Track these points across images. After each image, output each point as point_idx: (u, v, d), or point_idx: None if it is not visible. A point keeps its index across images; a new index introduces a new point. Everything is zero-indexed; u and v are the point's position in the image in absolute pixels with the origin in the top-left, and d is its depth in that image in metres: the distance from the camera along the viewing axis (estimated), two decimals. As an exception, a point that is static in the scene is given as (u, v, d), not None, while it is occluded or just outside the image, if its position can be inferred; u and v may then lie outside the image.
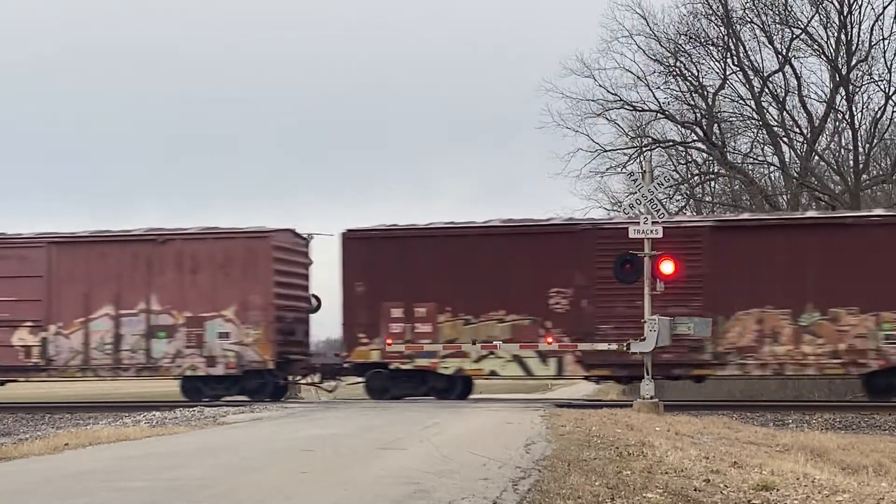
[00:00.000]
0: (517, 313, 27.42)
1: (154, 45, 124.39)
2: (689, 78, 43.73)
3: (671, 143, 45.61)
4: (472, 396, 29.22)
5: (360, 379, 28.86)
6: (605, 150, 43.51)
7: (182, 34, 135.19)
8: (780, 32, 42.62)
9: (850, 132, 42.77)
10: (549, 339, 26.53)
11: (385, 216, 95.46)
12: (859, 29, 41.44)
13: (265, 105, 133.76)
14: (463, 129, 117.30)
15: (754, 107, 43.47)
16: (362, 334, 28.07)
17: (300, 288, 29.99)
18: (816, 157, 43.58)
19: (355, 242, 28.44)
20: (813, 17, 42.09)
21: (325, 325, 31.06)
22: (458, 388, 28.17)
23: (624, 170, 42.78)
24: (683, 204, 45.12)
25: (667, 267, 23.72)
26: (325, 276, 30.41)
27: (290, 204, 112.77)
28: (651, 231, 23.53)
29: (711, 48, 43.45)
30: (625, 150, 44.14)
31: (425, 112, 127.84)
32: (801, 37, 42.28)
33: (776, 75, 43.07)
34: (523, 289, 27.36)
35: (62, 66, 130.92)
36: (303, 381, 30.15)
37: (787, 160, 44.23)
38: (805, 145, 43.38)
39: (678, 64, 43.54)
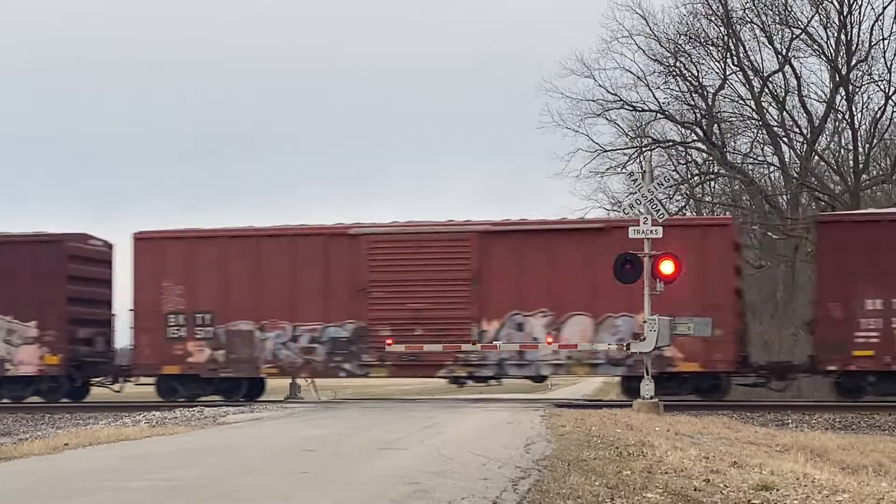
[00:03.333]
0: None
1: (154, 46, 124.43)
2: (689, 78, 43.73)
3: (671, 143, 45.60)
4: (474, 396, 29.25)
5: None
6: (605, 151, 43.51)
7: (182, 35, 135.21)
8: (780, 32, 42.64)
9: (849, 132, 42.79)
10: (549, 339, 26.51)
11: (384, 216, 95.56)
12: (859, 29, 41.49)
13: (264, 105, 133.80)
14: (463, 129, 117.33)
15: (754, 107, 43.46)
16: None
17: None
18: (816, 157, 43.57)
19: None
20: (813, 17, 42.13)
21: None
22: None
23: (624, 170, 42.74)
24: (683, 204, 45.12)
25: (667, 267, 23.73)
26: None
27: (290, 203, 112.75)
28: (651, 231, 23.55)
29: (711, 48, 43.47)
30: (625, 150, 44.14)
31: (425, 112, 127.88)
32: (801, 37, 42.29)
33: (776, 75, 43.10)
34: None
35: (62, 67, 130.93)
36: None
37: (787, 160, 44.23)
38: (805, 145, 43.37)
39: (678, 64, 43.55)
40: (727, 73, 43.16)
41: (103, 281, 30.67)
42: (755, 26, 42.87)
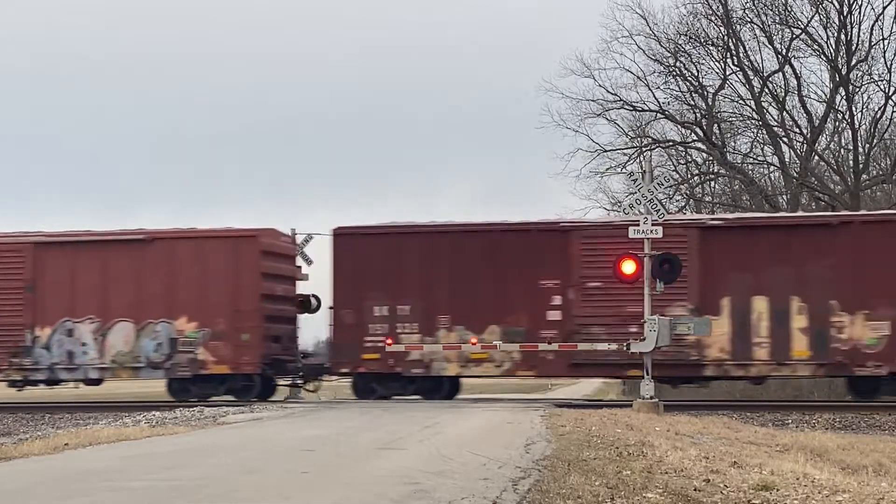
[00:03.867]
0: None
1: (155, 46, 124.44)
2: (689, 78, 43.74)
3: (671, 143, 45.60)
4: (474, 396, 29.28)
5: None
6: (605, 150, 43.52)
7: (183, 35, 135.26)
8: (780, 32, 42.64)
9: (849, 132, 42.78)
10: (549, 339, 26.51)
11: (385, 216, 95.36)
12: (859, 29, 41.49)
13: (265, 105, 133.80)
14: (463, 128, 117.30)
15: (754, 107, 43.46)
16: None
17: None
18: (816, 157, 43.58)
19: None
20: (813, 17, 42.13)
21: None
22: None
23: (624, 170, 42.76)
24: (683, 204, 45.12)
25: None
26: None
27: (290, 203, 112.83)
28: (651, 231, 23.55)
29: (711, 48, 43.47)
30: (625, 150, 44.14)
31: (425, 111, 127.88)
32: (801, 37, 42.30)
33: (776, 75, 43.10)
34: None
35: (65, 68, 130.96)
36: None
37: (787, 160, 44.22)
38: (805, 145, 43.37)
39: (678, 64, 43.55)
40: (727, 73, 43.19)
41: None
42: (755, 26, 42.91)
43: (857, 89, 42.31)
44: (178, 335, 28.46)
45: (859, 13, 41.34)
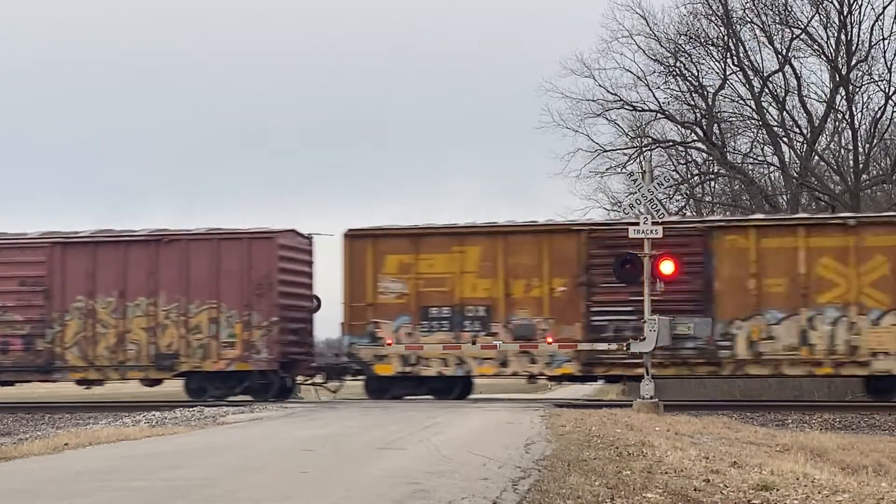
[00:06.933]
0: None
1: (157, 46, 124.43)
2: (689, 78, 43.72)
3: (671, 143, 45.57)
4: (474, 396, 29.27)
5: None
6: (605, 150, 43.48)
7: (186, 36, 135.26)
8: (780, 32, 42.62)
9: (850, 132, 42.76)
10: (549, 339, 26.53)
11: (387, 217, 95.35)
12: (859, 29, 41.46)
13: (267, 106, 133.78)
14: (462, 129, 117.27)
15: (754, 107, 43.44)
16: None
17: None
18: (816, 157, 43.58)
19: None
20: (813, 17, 42.10)
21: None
22: None
23: (624, 170, 42.75)
24: (683, 204, 45.12)
25: (667, 267, 23.73)
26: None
27: (292, 204, 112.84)
28: (651, 231, 23.54)
29: (711, 48, 43.45)
30: (625, 150, 44.12)
31: (425, 112, 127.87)
32: (801, 37, 42.27)
33: (776, 75, 43.07)
34: None
35: (66, 69, 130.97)
36: None
37: (787, 160, 44.20)
38: (805, 145, 43.37)
39: (678, 64, 43.52)
40: (727, 73, 43.16)
41: None
42: (755, 26, 42.89)
43: (857, 89, 42.32)
44: None
45: (859, 13, 41.36)
